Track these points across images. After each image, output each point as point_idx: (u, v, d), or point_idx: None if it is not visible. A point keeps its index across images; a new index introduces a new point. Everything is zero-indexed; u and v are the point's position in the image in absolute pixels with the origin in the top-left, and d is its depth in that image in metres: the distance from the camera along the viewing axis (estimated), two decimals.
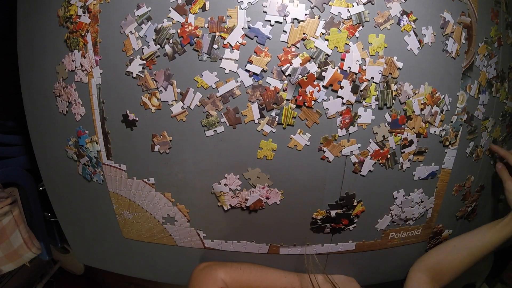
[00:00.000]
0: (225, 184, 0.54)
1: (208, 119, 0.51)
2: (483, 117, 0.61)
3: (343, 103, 0.51)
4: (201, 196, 0.56)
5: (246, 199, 0.55)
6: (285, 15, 0.48)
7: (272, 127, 0.51)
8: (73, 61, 0.55)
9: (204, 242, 0.60)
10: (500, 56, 0.61)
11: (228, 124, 0.51)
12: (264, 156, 0.52)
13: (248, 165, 0.53)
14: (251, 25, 0.48)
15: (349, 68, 0.49)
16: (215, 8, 0.48)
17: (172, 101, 0.51)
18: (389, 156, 0.55)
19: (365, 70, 0.50)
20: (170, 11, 0.49)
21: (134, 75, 0.52)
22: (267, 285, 0.57)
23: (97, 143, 0.57)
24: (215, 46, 0.49)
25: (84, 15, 0.52)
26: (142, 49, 0.51)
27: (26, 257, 0.80)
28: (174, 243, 0.61)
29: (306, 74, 0.49)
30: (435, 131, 0.56)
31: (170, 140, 0.53)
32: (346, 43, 0.49)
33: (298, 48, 0.49)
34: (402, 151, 0.55)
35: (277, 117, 0.51)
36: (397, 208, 0.59)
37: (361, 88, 0.51)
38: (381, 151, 0.54)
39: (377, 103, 0.52)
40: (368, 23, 0.49)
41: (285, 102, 0.50)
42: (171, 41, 0.50)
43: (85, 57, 0.53)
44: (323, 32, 0.48)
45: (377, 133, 0.53)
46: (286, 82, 0.49)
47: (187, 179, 0.55)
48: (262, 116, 0.51)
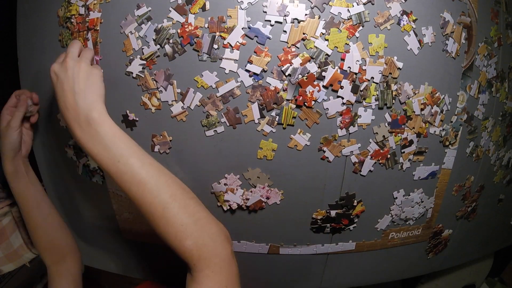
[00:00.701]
0: (225, 184, 0.54)
1: (208, 119, 0.51)
2: (483, 117, 0.61)
3: (343, 103, 0.51)
4: (201, 196, 0.56)
5: (247, 199, 0.55)
6: (285, 15, 0.48)
7: (272, 127, 0.51)
8: None
9: None
10: (500, 56, 0.61)
11: (228, 124, 0.51)
12: (264, 156, 0.52)
13: (248, 165, 0.53)
14: (251, 25, 0.48)
15: (349, 68, 0.49)
16: (215, 8, 0.48)
17: (172, 101, 0.51)
18: (389, 156, 0.55)
19: (365, 70, 0.50)
20: (170, 11, 0.49)
21: (134, 75, 0.52)
22: None
23: None
24: (215, 46, 0.49)
25: (88, 13, 0.52)
26: (142, 49, 0.51)
27: (26, 257, 0.80)
28: None
29: (306, 74, 0.49)
30: (435, 131, 0.56)
31: (170, 140, 0.53)
32: (346, 43, 0.49)
33: (298, 48, 0.49)
34: (402, 151, 0.55)
35: (277, 117, 0.51)
36: (397, 208, 0.59)
37: (361, 88, 0.51)
38: (381, 151, 0.54)
39: (377, 103, 0.52)
40: (368, 23, 0.49)
41: (285, 102, 0.50)
42: (171, 41, 0.50)
43: None
44: (323, 32, 0.48)
45: (377, 133, 0.53)
46: (286, 82, 0.49)
47: (187, 179, 0.55)
48: (262, 116, 0.51)
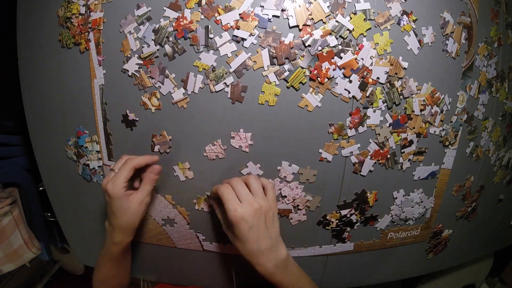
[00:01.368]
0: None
1: (215, 72, 0.49)
2: (483, 117, 0.61)
3: (349, 97, 0.51)
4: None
5: None
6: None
7: (277, 79, 0.49)
8: None
9: (203, 245, 0.60)
10: (500, 56, 0.61)
11: (229, 96, 0.50)
12: (266, 101, 0.52)
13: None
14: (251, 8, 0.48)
15: (362, 60, 0.49)
16: (212, 3, 0.48)
17: (173, 88, 0.51)
18: (389, 156, 0.55)
19: (372, 70, 0.50)
20: (165, 10, 0.49)
21: (130, 73, 0.52)
22: None
23: (97, 143, 0.57)
24: (211, 36, 0.49)
25: (89, 13, 0.52)
26: (142, 47, 0.51)
27: (26, 257, 0.80)
28: (173, 245, 0.61)
29: (326, 48, 0.49)
30: (435, 131, 0.56)
31: (170, 140, 0.53)
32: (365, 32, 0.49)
33: (314, 23, 0.48)
34: (402, 151, 0.55)
35: (288, 73, 0.49)
36: (397, 208, 0.59)
37: (368, 94, 0.51)
38: (381, 151, 0.54)
39: (385, 104, 0.52)
40: (372, 21, 0.49)
41: (299, 63, 0.49)
42: (170, 39, 0.50)
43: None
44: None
45: (379, 134, 0.53)
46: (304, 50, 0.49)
47: (188, 179, 0.55)
48: (272, 64, 0.49)
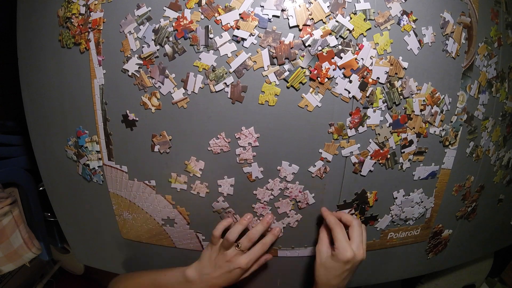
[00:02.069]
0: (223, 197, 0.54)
1: (215, 72, 0.49)
2: (483, 117, 0.61)
3: (349, 97, 0.51)
4: (201, 198, 0.56)
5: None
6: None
7: (277, 79, 0.49)
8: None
9: (203, 245, 0.60)
10: (500, 56, 0.61)
11: (229, 96, 0.50)
12: (266, 101, 0.52)
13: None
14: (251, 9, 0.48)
15: (362, 60, 0.49)
16: (212, 3, 0.48)
17: (173, 88, 0.51)
18: (389, 156, 0.55)
19: (372, 70, 0.50)
20: (165, 10, 0.49)
21: (130, 73, 0.52)
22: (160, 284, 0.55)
23: (97, 143, 0.57)
24: (211, 36, 0.49)
25: (89, 13, 0.52)
26: (142, 47, 0.51)
27: (26, 257, 0.80)
28: (173, 245, 0.61)
29: (326, 48, 0.49)
30: (435, 131, 0.56)
31: (170, 140, 0.53)
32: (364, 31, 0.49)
33: (314, 23, 0.48)
34: (402, 151, 0.55)
35: (288, 73, 0.49)
36: (397, 208, 0.59)
37: (368, 94, 0.51)
38: (381, 151, 0.54)
39: (385, 104, 0.52)
40: (372, 21, 0.49)
41: (299, 63, 0.49)
42: (170, 39, 0.50)
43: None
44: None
45: (379, 134, 0.53)
46: (304, 51, 0.49)
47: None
48: (272, 64, 0.49)
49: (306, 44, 0.48)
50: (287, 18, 0.48)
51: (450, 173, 0.61)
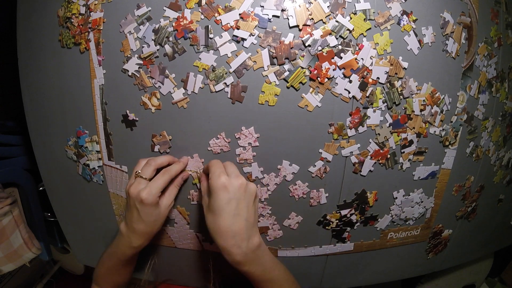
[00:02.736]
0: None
1: (215, 72, 0.49)
2: (483, 117, 0.61)
3: (349, 97, 0.51)
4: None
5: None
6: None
7: (277, 79, 0.49)
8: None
9: (203, 245, 0.60)
10: (500, 56, 0.61)
11: (229, 96, 0.50)
12: (266, 101, 0.52)
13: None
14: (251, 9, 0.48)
15: (362, 60, 0.49)
16: (212, 3, 0.48)
17: (173, 88, 0.51)
18: (389, 156, 0.55)
19: (371, 70, 0.50)
20: (165, 10, 0.49)
21: (130, 73, 0.52)
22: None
23: (97, 143, 0.57)
24: (211, 36, 0.49)
25: (89, 13, 0.52)
26: (142, 47, 0.51)
27: (26, 257, 0.80)
28: (173, 245, 0.61)
29: (326, 48, 0.49)
30: (435, 131, 0.56)
31: (170, 140, 0.53)
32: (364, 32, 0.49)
33: (314, 23, 0.48)
34: (402, 151, 0.55)
35: (288, 73, 0.49)
36: (397, 208, 0.59)
37: (368, 94, 0.51)
38: (381, 151, 0.54)
39: (385, 104, 0.52)
40: (372, 21, 0.49)
41: (299, 63, 0.49)
42: (170, 39, 0.50)
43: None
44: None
45: (379, 134, 0.53)
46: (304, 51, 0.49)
47: (188, 180, 0.55)
48: (272, 64, 0.49)
49: (306, 44, 0.48)
50: (287, 18, 0.48)
51: (450, 173, 0.61)
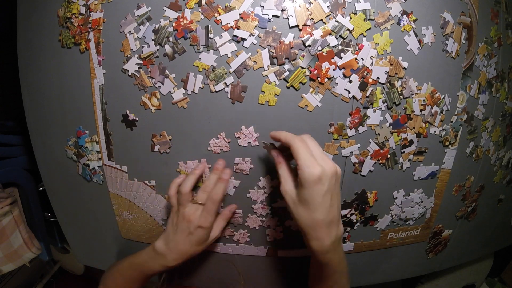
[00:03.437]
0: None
1: (215, 72, 0.49)
2: (483, 117, 0.61)
3: (349, 97, 0.51)
4: None
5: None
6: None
7: (277, 79, 0.49)
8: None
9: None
10: (500, 56, 0.61)
11: (229, 96, 0.50)
12: (266, 101, 0.52)
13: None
14: (251, 9, 0.48)
15: (362, 60, 0.49)
16: (212, 3, 0.48)
17: (173, 88, 0.51)
18: (389, 156, 0.55)
19: (372, 70, 0.50)
20: (165, 10, 0.49)
21: (130, 73, 0.52)
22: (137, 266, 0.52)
23: (97, 143, 0.57)
24: (211, 36, 0.49)
25: (89, 13, 0.52)
26: (142, 47, 0.51)
27: (26, 257, 0.80)
28: None
29: (326, 48, 0.48)
30: (435, 131, 0.56)
31: (170, 140, 0.53)
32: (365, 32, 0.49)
33: (314, 23, 0.48)
34: (402, 151, 0.55)
35: (287, 73, 0.49)
36: (397, 208, 0.59)
37: (368, 94, 0.51)
38: (381, 151, 0.54)
39: (385, 104, 0.52)
40: (372, 22, 0.49)
41: (299, 63, 0.49)
42: (170, 39, 0.50)
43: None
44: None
45: (379, 134, 0.53)
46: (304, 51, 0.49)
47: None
48: (272, 64, 0.49)
49: (306, 44, 0.48)
50: (287, 18, 0.48)
51: (450, 173, 0.61)
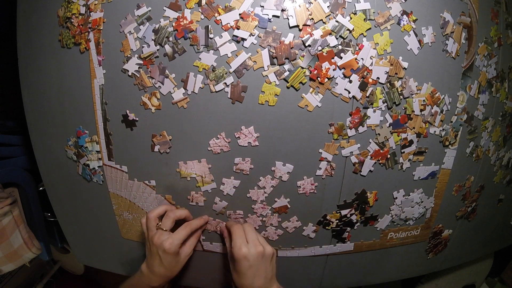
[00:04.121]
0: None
1: (215, 72, 0.49)
2: (483, 117, 0.61)
3: (349, 97, 0.51)
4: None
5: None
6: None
7: (277, 79, 0.49)
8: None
9: (203, 245, 0.60)
10: (500, 56, 0.61)
11: (229, 96, 0.50)
12: (266, 102, 0.52)
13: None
14: (251, 9, 0.48)
15: (362, 60, 0.49)
16: (212, 3, 0.48)
17: (173, 88, 0.51)
18: (389, 156, 0.55)
19: (372, 70, 0.50)
20: (165, 10, 0.49)
21: (130, 73, 0.52)
22: None
23: (97, 143, 0.57)
24: (211, 36, 0.49)
25: (89, 13, 0.52)
26: (142, 47, 0.51)
27: (26, 257, 0.80)
28: None
29: (326, 48, 0.48)
30: (435, 131, 0.56)
31: (170, 140, 0.53)
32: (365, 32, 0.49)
33: (314, 23, 0.48)
34: (402, 151, 0.55)
35: (288, 73, 0.49)
36: (397, 208, 0.59)
37: (368, 94, 0.51)
38: (381, 151, 0.54)
39: (385, 104, 0.52)
40: (372, 22, 0.49)
41: (300, 63, 0.49)
42: (170, 39, 0.50)
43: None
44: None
45: (379, 134, 0.53)
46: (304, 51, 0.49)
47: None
48: (272, 64, 0.49)
49: (306, 44, 0.48)
50: (287, 18, 0.48)
51: (450, 173, 0.61)
